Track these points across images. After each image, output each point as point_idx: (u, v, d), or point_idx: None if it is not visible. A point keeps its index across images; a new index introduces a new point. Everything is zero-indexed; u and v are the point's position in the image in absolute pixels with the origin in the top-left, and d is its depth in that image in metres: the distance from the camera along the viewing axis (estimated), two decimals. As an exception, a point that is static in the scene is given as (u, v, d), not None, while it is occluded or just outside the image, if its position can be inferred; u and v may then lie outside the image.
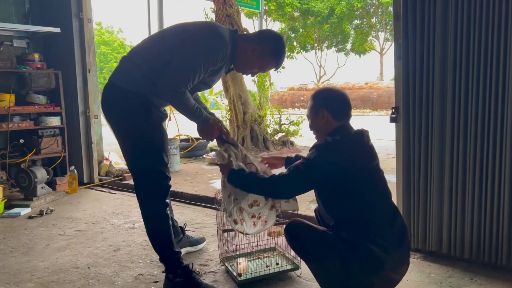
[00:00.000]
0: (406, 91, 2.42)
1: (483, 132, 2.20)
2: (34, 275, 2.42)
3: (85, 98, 4.67)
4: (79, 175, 4.57)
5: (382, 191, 1.82)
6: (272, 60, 2.17)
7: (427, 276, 2.22)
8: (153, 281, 2.29)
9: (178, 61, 1.95)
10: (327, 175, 1.75)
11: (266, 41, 2.13)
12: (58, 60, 4.60)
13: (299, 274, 2.28)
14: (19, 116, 4.35)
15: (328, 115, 1.87)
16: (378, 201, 1.78)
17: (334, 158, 1.75)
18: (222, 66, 2.09)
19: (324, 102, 1.91)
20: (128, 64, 2.13)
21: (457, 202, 2.31)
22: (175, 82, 1.95)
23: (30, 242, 2.98)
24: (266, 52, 2.12)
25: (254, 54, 2.12)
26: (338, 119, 1.88)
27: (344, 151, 1.77)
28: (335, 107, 1.89)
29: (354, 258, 1.68)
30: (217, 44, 1.98)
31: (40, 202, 3.95)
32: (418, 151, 2.42)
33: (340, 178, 1.75)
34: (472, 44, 2.17)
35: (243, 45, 2.11)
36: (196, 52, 1.95)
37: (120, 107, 2.10)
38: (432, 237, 2.42)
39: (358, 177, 1.76)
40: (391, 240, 1.72)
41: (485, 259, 2.26)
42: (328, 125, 1.88)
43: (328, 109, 1.87)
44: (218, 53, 1.98)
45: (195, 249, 2.71)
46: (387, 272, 1.70)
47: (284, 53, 2.21)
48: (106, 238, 2.99)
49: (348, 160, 1.75)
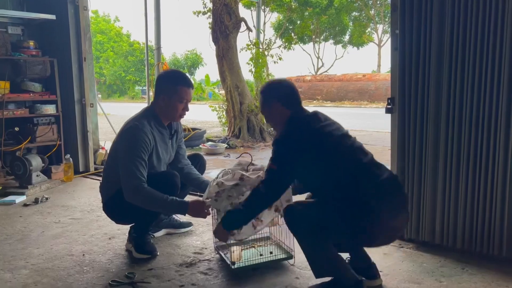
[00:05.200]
0: (402, 82, 2.42)
1: (477, 123, 2.21)
2: (29, 262, 2.42)
3: (80, 87, 4.64)
4: (75, 163, 4.56)
5: (357, 150, 1.92)
6: (179, 89, 2.38)
7: (419, 266, 2.25)
8: (148, 268, 2.31)
9: (122, 164, 2.28)
10: (299, 159, 1.85)
11: (162, 85, 2.43)
12: (54, 48, 4.55)
13: (292, 263, 2.30)
14: (14, 104, 4.31)
15: (280, 106, 2.00)
16: (357, 160, 1.88)
17: (296, 144, 1.87)
18: (156, 145, 2.38)
19: (274, 94, 2.05)
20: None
21: (451, 193, 2.33)
22: (129, 178, 2.23)
23: (25, 229, 2.98)
24: (170, 92, 2.38)
25: (165, 102, 2.39)
26: (290, 107, 2.00)
27: (303, 132, 1.90)
28: (285, 96, 2.03)
29: (352, 214, 1.78)
30: (138, 137, 2.29)
31: (35, 190, 3.95)
32: (413, 141, 2.42)
33: (312, 155, 1.85)
34: (468, 36, 2.17)
35: (159, 103, 2.42)
36: (127, 151, 2.28)
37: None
38: (425, 227, 2.44)
39: (329, 145, 1.87)
40: (381, 190, 1.82)
41: (477, 249, 2.28)
42: (283, 115, 2.00)
43: (279, 100, 2.01)
44: (144, 143, 2.29)
45: (177, 232, 2.81)
46: (385, 220, 1.78)
47: (177, 74, 2.51)
48: (101, 226, 3.00)
49: (311, 137, 1.88)
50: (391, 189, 1.85)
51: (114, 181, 2.33)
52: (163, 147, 2.46)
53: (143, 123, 2.33)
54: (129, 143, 2.29)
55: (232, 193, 2.12)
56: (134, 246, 2.45)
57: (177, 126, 2.62)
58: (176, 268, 2.31)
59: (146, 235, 2.50)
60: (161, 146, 2.45)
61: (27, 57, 4.33)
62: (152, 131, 2.36)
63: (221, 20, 6.84)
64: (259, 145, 7.04)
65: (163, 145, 2.47)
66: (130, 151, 2.27)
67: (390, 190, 1.85)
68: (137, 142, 2.27)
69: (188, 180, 2.62)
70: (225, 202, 2.12)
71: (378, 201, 1.78)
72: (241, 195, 2.11)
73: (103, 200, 2.48)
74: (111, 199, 2.40)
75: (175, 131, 2.59)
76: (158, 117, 2.43)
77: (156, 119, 2.42)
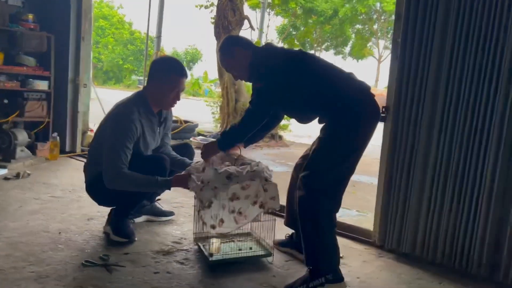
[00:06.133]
0: (399, 90, 2.41)
1: (468, 141, 2.20)
2: (3, 234, 2.37)
3: (76, 66, 4.58)
4: (62, 143, 4.50)
5: (327, 64, 2.14)
6: (172, 78, 2.36)
7: (397, 276, 2.24)
8: (124, 252, 2.26)
9: (106, 149, 2.26)
10: (283, 77, 2.03)
11: (156, 72, 2.40)
12: (53, 24, 4.49)
13: (271, 261, 2.27)
14: (6, 76, 4.23)
15: (241, 49, 2.15)
16: (328, 70, 2.10)
17: (273, 64, 2.06)
18: (144, 132, 2.35)
19: (232, 42, 2.22)
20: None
21: (436, 206, 2.32)
22: (111, 164, 2.21)
23: (3, 202, 2.92)
24: (163, 79, 2.35)
25: (157, 89, 2.37)
26: (248, 48, 2.17)
27: (271, 51, 2.17)
28: (241, 41, 2.23)
29: (345, 115, 2.00)
30: (125, 124, 2.25)
31: (18, 165, 3.88)
32: (403, 152, 2.42)
33: (291, 82, 2.03)
34: (469, 50, 2.17)
35: (151, 90, 2.40)
36: (112, 139, 2.25)
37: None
38: (407, 239, 2.43)
39: (302, 66, 2.06)
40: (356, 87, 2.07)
41: (456, 265, 2.28)
42: (247, 56, 2.13)
43: (238, 44, 2.18)
44: (130, 132, 2.26)
45: (158, 219, 2.78)
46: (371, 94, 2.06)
47: (172, 61, 2.48)
48: (81, 207, 2.95)
49: (285, 65, 2.05)
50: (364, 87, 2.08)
51: (99, 162, 2.29)
52: (150, 135, 2.43)
53: (131, 110, 2.29)
54: (115, 131, 2.26)
55: (218, 185, 2.08)
56: (112, 229, 2.40)
57: (167, 113, 2.58)
58: (153, 255, 2.27)
59: (125, 219, 2.46)
60: (149, 133, 2.41)
61: (25, 30, 4.26)
62: (140, 118, 2.32)
63: (225, 15, 6.82)
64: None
65: (151, 132, 2.44)
66: (115, 139, 2.23)
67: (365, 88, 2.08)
68: (123, 131, 2.23)
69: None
70: (211, 193, 2.08)
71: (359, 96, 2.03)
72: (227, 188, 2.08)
73: (86, 181, 2.43)
74: (94, 180, 2.35)
75: (164, 119, 2.56)
76: (149, 104, 2.39)
77: (146, 105, 2.38)
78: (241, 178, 2.10)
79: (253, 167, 2.14)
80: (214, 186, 2.06)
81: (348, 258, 2.41)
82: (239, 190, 2.14)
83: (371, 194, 4.06)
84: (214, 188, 2.07)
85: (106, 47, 31.28)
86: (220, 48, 2.26)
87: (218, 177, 2.06)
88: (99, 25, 30.14)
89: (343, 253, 2.44)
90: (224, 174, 2.07)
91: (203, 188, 2.06)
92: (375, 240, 2.59)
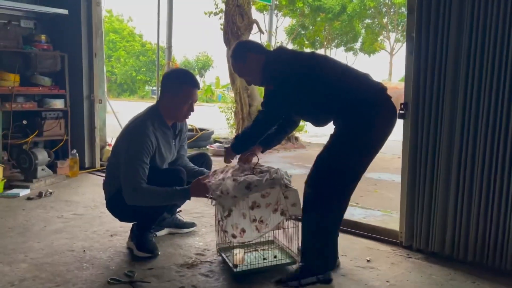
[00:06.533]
0: (417, 87, 2.35)
1: (493, 133, 2.13)
2: (28, 255, 2.39)
3: (90, 82, 4.63)
4: (81, 159, 4.54)
5: (340, 66, 2.12)
6: (184, 89, 2.34)
7: (427, 278, 2.17)
8: (148, 268, 2.25)
9: (123, 166, 2.25)
10: (294, 81, 2.02)
11: (168, 85, 2.38)
12: (65, 43, 4.55)
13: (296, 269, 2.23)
14: (23, 97, 4.31)
15: (254, 54, 2.14)
16: (341, 72, 2.07)
17: (285, 68, 2.06)
18: (159, 145, 2.34)
19: (244, 48, 2.19)
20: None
21: (463, 203, 2.25)
22: (129, 180, 2.20)
23: (27, 223, 2.95)
24: (175, 91, 2.34)
25: (170, 102, 2.35)
26: (261, 52, 2.16)
27: (284, 56, 2.14)
28: (254, 46, 2.21)
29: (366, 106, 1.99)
30: (141, 139, 2.24)
31: (40, 184, 3.93)
32: (425, 148, 2.35)
33: (304, 86, 2.02)
34: (487, 39, 2.10)
35: (164, 103, 2.38)
36: (129, 155, 2.24)
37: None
38: (435, 238, 2.36)
39: (315, 70, 2.04)
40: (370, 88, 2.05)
41: (489, 263, 2.20)
42: (259, 61, 2.12)
43: (250, 50, 2.15)
44: (146, 146, 2.24)
45: (180, 231, 2.77)
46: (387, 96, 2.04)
47: (183, 73, 2.47)
48: (103, 223, 2.96)
49: (297, 69, 2.04)
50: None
51: (117, 178, 2.29)
52: (166, 147, 2.42)
53: (146, 125, 2.29)
54: (131, 147, 2.25)
55: (238, 195, 2.06)
56: (135, 244, 2.40)
57: (181, 125, 2.56)
58: (177, 268, 2.25)
59: (148, 233, 2.45)
60: (164, 146, 2.40)
61: (38, 51, 4.33)
62: (155, 132, 2.32)
63: (233, 21, 6.82)
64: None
65: (166, 145, 2.43)
66: (132, 155, 2.23)
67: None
68: (139, 146, 2.23)
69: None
70: (230, 200, 2.05)
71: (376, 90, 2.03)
72: (246, 197, 2.06)
73: (106, 197, 2.44)
74: (114, 196, 2.35)
75: (179, 131, 2.55)
76: (162, 117, 2.38)
77: (160, 119, 2.37)
78: (261, 187, 2.06)
79: (272, 174, 2.10)
80: (233, 195, 2.04)
81: (376, 261, 2.35)
82: (259, 198, 2.11)
83: (393, 192, 3.99)
84: (233, 197, 2.04)
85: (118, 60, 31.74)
86: (232, 54, 2.26)
87: (237, 187, 2.03)
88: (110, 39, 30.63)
89: (370, 256, 2.40)
90: (243, 184, 2.04)
91: (222, 197, 2.04)
92: (402, 240, 2.53)
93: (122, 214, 2.43)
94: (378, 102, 2.01)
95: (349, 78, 2.06)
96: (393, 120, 2.06)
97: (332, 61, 2.18)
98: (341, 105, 2.04)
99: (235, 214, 2.07)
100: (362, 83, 2.05)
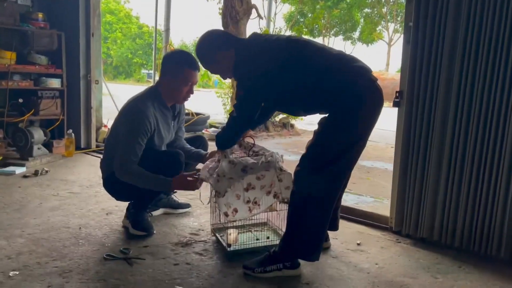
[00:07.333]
0: (412, 75, 2.38)
1: (485, 121, 2.17)
2: (25, 231, 2.42)
3: (87, 62, 4.61)
4: (76, 139, 4.55)
5: (320, 53, 1.95)
6: (185, 71, 2.34)
7: (415, 261, 2.23)
8: (143, 245, 2.30)
9: (120, 144, 2.29)
10: (266, 74, 1.89)
11: (168, 66, 2.39)
12: (62, 22, 4.52)
13: (288, 250, 2.28)
14: (19, 75, 4.30)
15: (223, 52, 2.01)
16: (321, 62, 1.92)
17: (256, 61, 1.93)
18: (158, 126, 2.37)
19: (211, 48, 2.05)
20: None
21: (453, 190, 2.30)
22: (122, 155, 2.25)
23: (23, 200, 2.98)
24: (175, 73, 2.35)
25: (170, 83, 2.38)
26: (229, 47, 2.01)
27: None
28: (220, 42, 2.04)
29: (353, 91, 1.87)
30: (139, 120, 2.27)
31: (36, 163, 3.95)
32: (418, 136, 2.39)
33: (275, 81, 1.90)
34: (483, 31, 2.13)
35: (164, 84, 2.40)
36: (127, 135, 2.27)
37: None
38: (424, 224, 2.42)
39: (289, 63, 1.90)
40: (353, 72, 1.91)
41: (475, 249, 2.27)
42: (230, 57, 2.00)
43: (219, 49, 2.02)
44: (144, 127, 2.27)
45: (175, 212, 2.81)
46: (371, 79, 1.92)
47: (184, 55, 2.43)
48: (99, 201, 2.99)
49: (268, 63, 1.90)
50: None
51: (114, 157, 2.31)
52: (165, 128, 2.45)
53: (146, 105, 2.31)
54: (129, 127, 2.28)
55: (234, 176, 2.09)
56: (131, 223, 2.44)
57: (180, 107, 2.59)
58: (172, 247, 2.30)
59: (143, 212, 2.49)
60: (163, 127, 2.43)
61: (35, 29, 4.30)
62: (155, 112, 2.35)
63: (232, 5, 6.78)
64: (261, 134, 7.02)
65: (165, 125, 2.46)
66: (129, 135, 2.26)
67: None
68: (137, 127, 2.26)
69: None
70: (226, 184, 2.09)
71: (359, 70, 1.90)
72: (242, 178, 2.10)
73: (103, 176, 2.47)
74: (111, 175, 2.38)
75: (178, 113, 2.57)
76: (162, 98, 2.40)
77: (159, 100, 2.39)
78: (256, 170, 2.10)
79: (267, 157, 2.14)
80: (230, 177, 2.08)
81: (366, 244, 2.42)
82: (254, 180, 2.15)
83: (385, 180, 4.05)
84: (229, 179, 2.08)
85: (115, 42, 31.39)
86: (198, 56, 2.13)
87: (234, 169, 2.07)
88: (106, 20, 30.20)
89: (360, 240, 2.46)
90: (239, 167, 2.07)
91: (219, 179, 2.07)
92: (392, 226, 2.59)
93: (119, 193, 2.47)
94: (362, 86, 1.87)
95: (329, 67, 1.90)
96: (380, 104, 1.93)
97: (309, 44, 1.99)
98: (321, 99, 1.93)
99: (229, 195, 2.11)
100: (344, 71, 1.90)
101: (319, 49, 1.97)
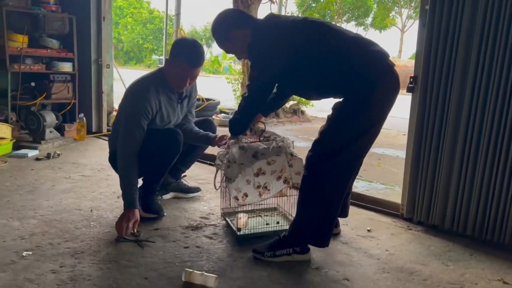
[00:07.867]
0: (427, 60, 2.33)
1: (502, 111, 2.12)
2: (38, 212, 2.45)
3: (98, 46, 4.61)
4: (88, 123, 4.58)
5: (337, 34, 1.89)
6: (187, 67, 2.30)
7: (426, 248, 2.22)
8: (154, 228, 2.32)
9: (121, 130, 2.29)
10: (281, 56, 1.86)
11: (174, 56, 2.33)
12: (73, 5, 4.51)
13: (298, 235, 2.28)
14: (31, 59, 4.31)
15: (238, 30, 1.99)
16: (337, 44, 1.86)
17: (272, 44, 1.88)
18: (161, 109, 2.35)
19: (226, 25, 2.03)
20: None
21: (466, 178, 2.27)
22: (124, 145, 2.26)
23: (36, 182, 3.02)
24: (179, 65, 2.30)
25: (174, 71, 2.33)
26: (246, 26, 1.98)
27: (272, 28, 1.92)
28: (236, 20, 2.02)
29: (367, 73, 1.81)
30: (140, 103, 2.27)
31: (48, 146, 3.98)
32: (432, 123, 2.35)
33: (290, 63, 1.87)
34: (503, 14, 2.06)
35: (169, 70, 2.35)
36: (128, 118, 2.28)
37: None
38: (436, 211, 2.39)
39: (303, 47, 1.87)
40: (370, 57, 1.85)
41: (488, 237, 2.24)
42: (245, 36, 1.96)
43: (234, 27, 2.00)
44: (144, 111, 2.26)
45: (185, 196, 2.83)
46: (389, 64, 1.86)
47: (191, 50, 2.32)
48: (110, 185, 3.02)
49: (286, 38, 1.87)
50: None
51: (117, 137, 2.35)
52: (170, 111, 2.44)
53: (148, 89, 2.30)
54: (130, 111, 2.29)
55: (244, 162, 2.08)
56: (141, 206, 2.45)
57: (190, 91, 2.57)
58: (182, 230, 2.32)
59: (154, 196, 2.50)
60: (168, 110, 2.42)
61: (47, 12, 4.30)
62: (157, 95, 2.33)
63: (243, -11, 6.69)
64: (272, 121, 6.99)
65: (171, 109, 2.44)
66: (129, 118, 2.27)
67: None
68: (138, 110, 2.26)
69: (188, 137, 2.57)
70: (236, 170, 2.09)
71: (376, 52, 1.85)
72: (252, 164, 2.09)
73: (110, 151, 2.52)
74: (114, 153, 2.42)
75: (186, 96, 2.53)
76: (167, 81, 2.38)
77: (164, 83, 2.38)
78: (267, 155, 2.09)
79: (278, 142, 2.13)
80: (240, 163, 2.07)
81: (376, 231, 2.40)
82: (264, 165, 2.14)
83: (396, 167, 4.02)
84: (240, 165, 2.07)
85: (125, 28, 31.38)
86: (214, 33, 2.10)
87: (244, 155, 2.06)
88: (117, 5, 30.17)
89: (371, 226, 2.45)
90: (250, 152, 2.06)
91: (230, 165, 2.06)
92: (403, 213, 2.57)
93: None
94: (377, 78, 1.80)
95: (346, 50, 1.85)
96: (396, 90, 1.87)
97: (325, 27, 1.93)
98: (336, 81, 1.88)
99: (239, 180, 2.10)
100: (361, 54, 1.84)
101: (336, 31, 1.91)
